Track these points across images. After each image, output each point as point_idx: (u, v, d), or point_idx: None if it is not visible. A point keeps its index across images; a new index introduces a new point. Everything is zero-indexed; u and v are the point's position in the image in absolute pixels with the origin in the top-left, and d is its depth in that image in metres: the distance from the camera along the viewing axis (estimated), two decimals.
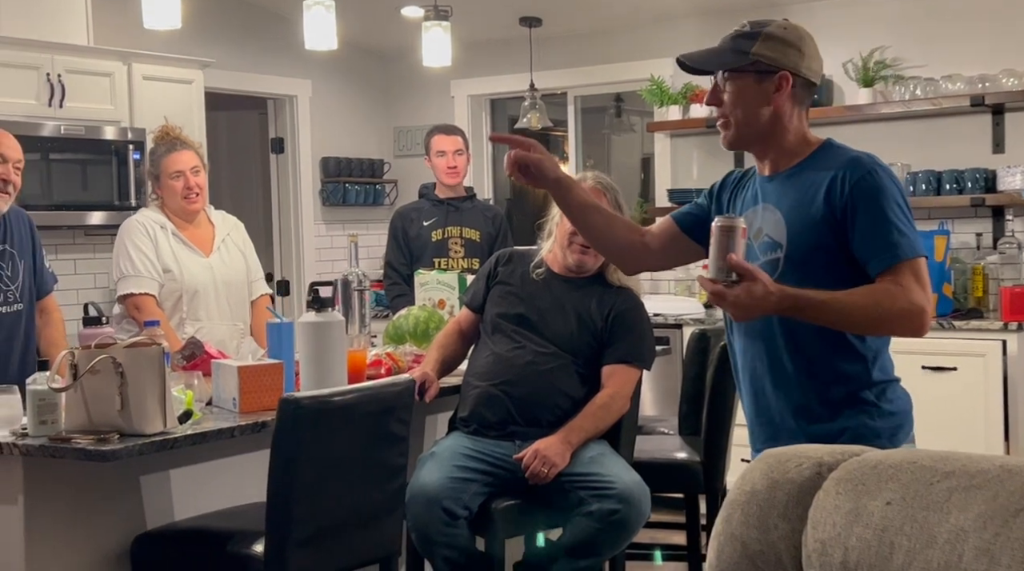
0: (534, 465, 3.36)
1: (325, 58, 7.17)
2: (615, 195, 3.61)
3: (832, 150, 2.54)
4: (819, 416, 2.48)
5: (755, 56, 2.47)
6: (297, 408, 2.82)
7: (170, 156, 4.27)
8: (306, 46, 4.18)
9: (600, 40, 6.90)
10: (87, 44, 5.63)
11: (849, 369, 2.48)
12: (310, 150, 7.27)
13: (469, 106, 7.46)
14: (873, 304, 2.37)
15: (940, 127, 5.86)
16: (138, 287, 4.15)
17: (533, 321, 3.62)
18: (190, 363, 3.47)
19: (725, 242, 2.30)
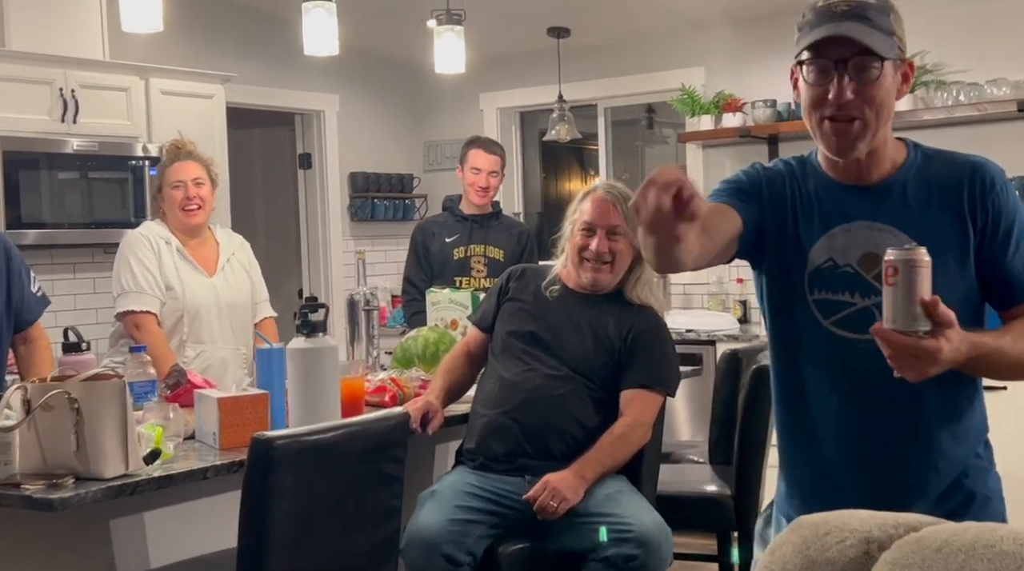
0: (543, 498, 2.92)
1: (352, 72, 6.82)
2: (625, 205, 3.15)
3: (930, 151, 2.00)
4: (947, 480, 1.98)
5: (897, 39, 1.90)
6: (270, 449, 2.38)
7: (173, 166, 3.92)
8: (305, 51, 3.78)
9: (629, 50, 6.45)
10: (103, 59, 5.28)
11: (979, 422, 1.99)
12: (338, 165, 6.89)
13: (499, 119, 7.05)
14: None
15: (986, 134, 5.36)
16: (139, 304, 3.76)
17: (546, 340, 3.18)
18: (174, 393, 3.06)
19: (911, 280, 1.70)
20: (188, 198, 3.85)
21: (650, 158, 7.40)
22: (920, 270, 1.70)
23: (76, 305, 5.47)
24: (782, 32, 2.48)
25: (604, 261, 3.17)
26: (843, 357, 1.96)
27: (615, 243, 3.16)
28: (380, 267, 6.83)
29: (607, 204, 3.15)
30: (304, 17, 3.68)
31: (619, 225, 3.15)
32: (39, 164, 5.00)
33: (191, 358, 3.82)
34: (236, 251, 4.07)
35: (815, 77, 1.90)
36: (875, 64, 1.87)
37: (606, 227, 3.16)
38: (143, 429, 2.63)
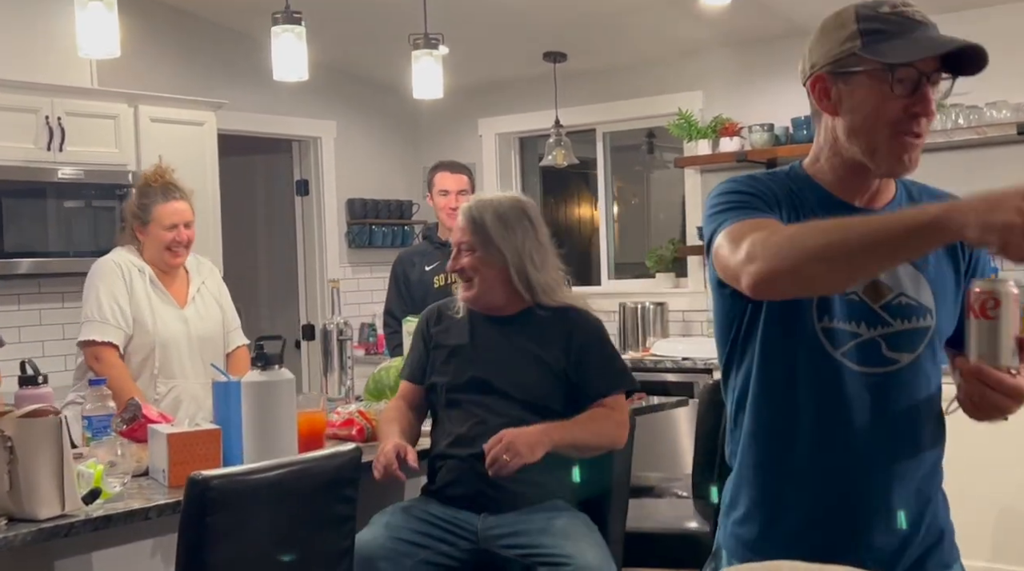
0: (497, 450, 2.74)
1: (349, 98, 6.77)
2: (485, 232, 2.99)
3: (909, 182, 1.89)
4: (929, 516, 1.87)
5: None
6: (206, 489, 2.28)
7: (167, 205, 3.75)
8: (274, 76, 3.69)
9: (627, 74, 6.37)
10: (90, 86, 5.23)
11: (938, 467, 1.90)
12: (335, 192, 6.82)
13: (498, 144, 6.97)
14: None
15: (986, 158, 5.24)
16: (101, 334, 3.64)
17: (489, 382, 2.98)
18: (129, 427, 2.97)
19: (1011, 314, 1.60)
20: (178, 241, 3.75)
21: (656, 183, 7.30)
22: (1013, 303, 1.59)
23: (65, 334, 5.41)
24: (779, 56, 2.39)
25: (464, 279, 3.05)
26: (849, 390, 1.81)
27: (465, 257, 3.01)
28: (378, 294, 6.68)
29: (460, 222, 3.05)
30: (273, 41, 3.60)
31: (466, 241, 3.02)
32: (24, 193, 4.95)
33: (163, 394, 3.74)
34: (206, 279, 3.96)
35: (906, 88, 1.76)
36: (949, 79, 1.80)
37: (457, 245, 3.06)
38: (84, 467, 2.54)
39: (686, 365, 5.51)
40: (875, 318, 1.80)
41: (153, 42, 5.95)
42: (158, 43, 5.98)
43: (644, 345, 5.98)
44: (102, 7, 3.17)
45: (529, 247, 3.01)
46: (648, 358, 5.74)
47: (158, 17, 5.97)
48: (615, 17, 5.69)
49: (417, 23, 4.37)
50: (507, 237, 2.99)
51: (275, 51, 3.60)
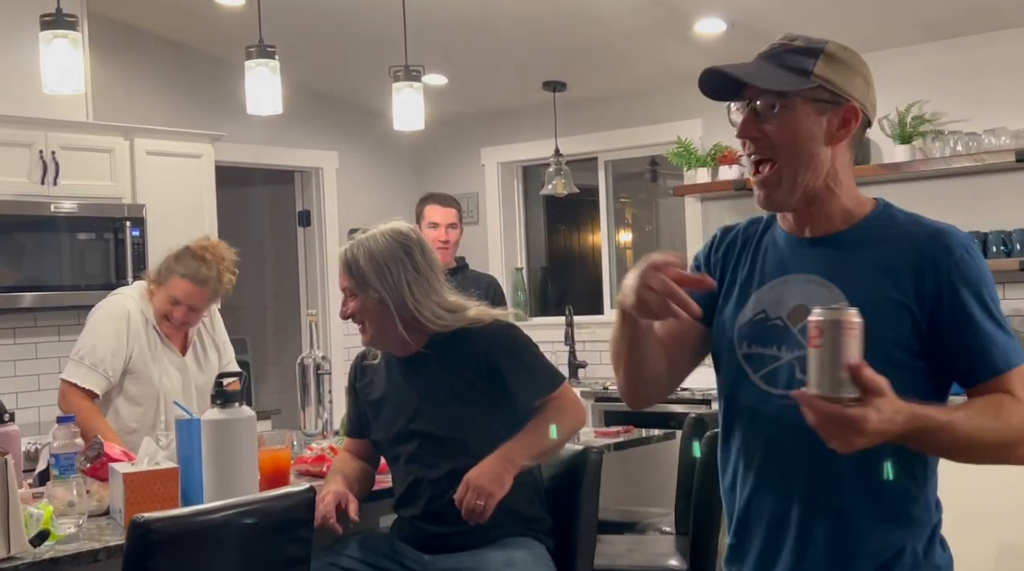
0: (468, 499, 2.70)
1: (351, 128, 6.77)
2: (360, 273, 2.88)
3: (897, 214, 1.84)
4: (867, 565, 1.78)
5: (817, 79, 1.77)
6: (148, 532, 2.25)
7: (183, 283, 3.64)
8: (248, 110, 3.68)
9: (627, 103, 6.34)
10: (85, 120, 5.24)
11: (916, 515, 1.79)
12: (337, 222, 6.81)
13: (499, 173, 6.94)
14: (1004, 425, 1.67)
15: (985, 185, 5.17)
16: (83, 380, 3.67)
17: (417, 429, 2.89)
18: (92, 466, 2.94)
19: (838, 343, 1.55)
20: (176, 317, 3.69)
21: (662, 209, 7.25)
22: (848, 332, 1.55)
23: (61, 368, 5.37)
24: None
25: (358, 323, 2.94)
26: (768, 414, 1.82)
27: (349, 303, 2.90)
28: None
29: (340, 267, 2.93)
30: (247, 76, 3.59)
31: (346, 286, 2.92)
32: (18, 228, 4.96)
33: (165, 445, 3.70)
34: (202, 327, 3.92)
35: (735, 120, 1.84)
36: (777, 102, 1.77)
37: (342, 289, 2.95)
38: (35, 508, 2.52)
39: (684, 396, 5.44)
40: (793, 341, 1.80)
41: (149, 75, 5.99)
42: (155, 76, 6.01)
43: None
44: (67, 43, 3.17)
45: (408, 280, 2.86)
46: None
47: (154, 51, 6.00)
48: (613, 46, 5.67)
49: (416, 54, 4.36)
50: (381, 277, 2.85)
51: (249, 85, 3.59)
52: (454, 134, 6.96)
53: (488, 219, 6.95)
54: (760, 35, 5.34)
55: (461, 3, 5.20)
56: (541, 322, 6.63)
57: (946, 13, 5.03)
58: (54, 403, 5.11)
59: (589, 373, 6.33)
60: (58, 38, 3.17)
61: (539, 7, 5.22)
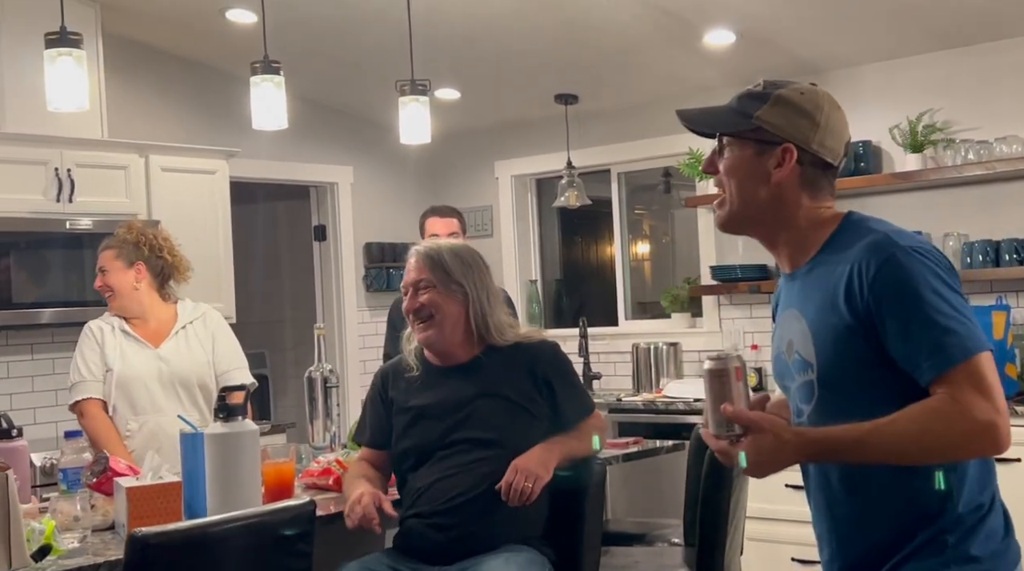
0: (516, 480, 2.78)
1: (365, 143, 6.78)
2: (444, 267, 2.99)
3: (850, 230, 1.89)
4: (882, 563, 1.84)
5: (757, 121, 1.90)
6: (145, 547, 2.24)
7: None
8: (253, 125, 3.69)
9: (638, 115, 6.31)
10: (100, 137, 5.27)
11: (923, 507, 1.82)
12: (352, 236, 6.82)
13: (513, 186, 6.93)
14: (923, 432, 1.72)
15: (997, 193, 5.11)
16: (82, 393, 3.85)
17: (464, 435, 2.92)
18: (97, 480, 2.94)
19: (716, 387, 1.80)
20: (97, 288, 3.98)
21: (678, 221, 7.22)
22: (725, 377, 1.79)
23: None
24: None
25: (422, 318, 2.98)
26: None
27: (423, 294, 2.97)
28: None
29: (412, 261, 3.02)
30: (252, 91, 3.59)
31: (423, 278, 2.99)
32: (34, 245, 4.99)
33: (135, 430, 3.84)
34: (194, 321, 4.03)
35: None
36: (724, 142, 1.96)
37: (412, 284, 3.01)
38: (37, 523, 2.52)
39: (697, 407, 5.40)
40: (788, 375, 1.97)
41: (164, 93, 6.01)
42: (169, 94, 6.04)
43: (657, 386, 5.88)
44: (71, 62, 3.19)
45: (487, 285, 3.03)
46: (660, 400, 5.65)
47: (168, 68, 6.03)
48: (623, 58, 5.66)
49: (428, 69, 4.37)
50: (466, 273, 3.00)
51: (254, 100, 3.60)
52: (467, 148, 6.96)
53: (502, 232, 6.93)
54: (769, 46, 5.37)
55: (472, 18, 5.20)
56: (556, 334, 6.54)
57: (955, 22, 5.00)
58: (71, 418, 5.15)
59: (604, 384, 6.31)
60: (63, 56, 3.18)
61: (549, 20, 5.22)
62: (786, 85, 1.94)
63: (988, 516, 1.84)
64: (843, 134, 1.95)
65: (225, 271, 5.65)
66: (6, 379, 5.20)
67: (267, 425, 5.40)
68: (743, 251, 5.93)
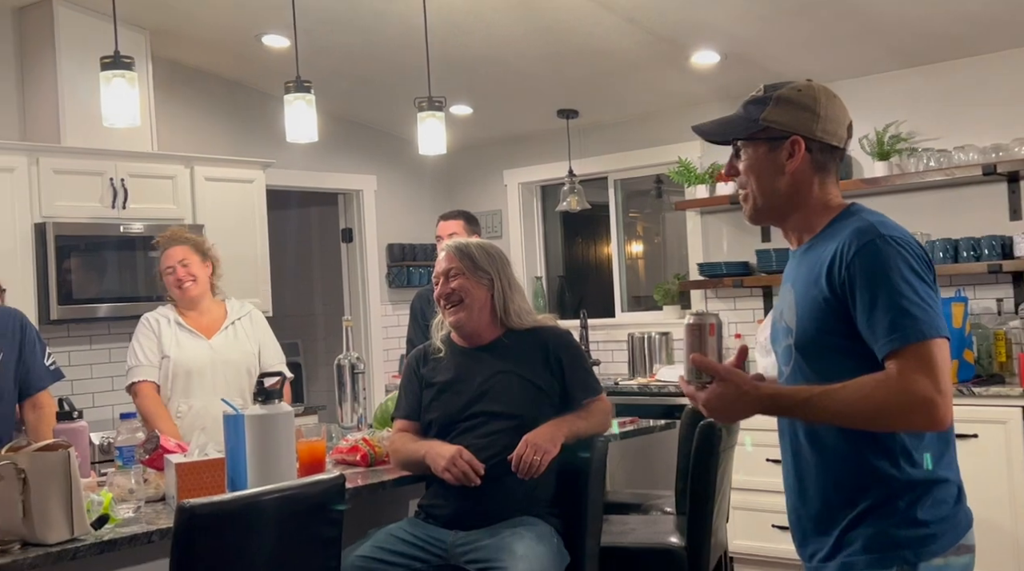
0: (527, 454, 2.79)
1: (387, 154, 6.78)
2: (471, 257, 3.05)
3: (846, 217, 1.92)
4: (838, 522, 1.85)
5: (764, 122, 1.93)
6: (192, 517, 2.24)
7: (162, 256, 3.97)
8: (288, 138, 3.68)
9: (633, 127, 6.31)
10: (151, 150, 5.28)
11: (877, 469, 1.82)
12: (376, 238, 6.82)
13: (520, 192, 6.93)
14: (864, 399, 1.74)
15: (955, 196, 5.10)
16: (137, 376, 3.85)
17: (481, 408, 2.94)
18: (150, 457, 2.95)
19: (692, 340, 1.86)
20: (179, 279, 3.89)
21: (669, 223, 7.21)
22: (700, 332, 1.85)
23: None
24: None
25: (452, 303, 3.02)
26: None
27: (453, 281, 3.02)
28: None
29: (443, 254, 3.08)
30: (286, 108, 3.59)
31: (453, 266, 3.04)
32: (92, 247, 5.00)
33: (185, 412, 3.84)
34: (242, 317, 4.05)
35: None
36: (739, 146, 1.98)
37: (443, 273, 3.05)
38: (96, 495, 2.52)
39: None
40: (776, 340, 2.00)
41: (207, 110, 6.01)
42: (212, 111, 6.04)
43: (650, 371, 5.87)
44: (124, 83, 3.19)
45: (510, 276, 3.07)
46: (653, 383, 5.64)
47: (211, 88, 6.03)
48: (619, 76, 5.64)
49: (443, 88, 4.37)
50: (491, 263, 3.05)
51: (288, 116, 3.60)
52: (479, 158, 6.96)
53: (510, 233, 6.93)
54: (750, 64, 5.35)
55: (483, 42, 5.20)
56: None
57: (918, 44, 4.98)
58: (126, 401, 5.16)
59: (602, 370, 6.30)
60: (116, 77, 3.18)
61: (553, 44, 5.21)
62: (784, 86, 1.96)
63: (940, 485, 1.83)
64: (843, 119, 1.96)
65: (262, 270, 5.66)
66: (68, 367, 5.19)
67: (300, 408, 5.40)
68: (727, 249, 5.92)
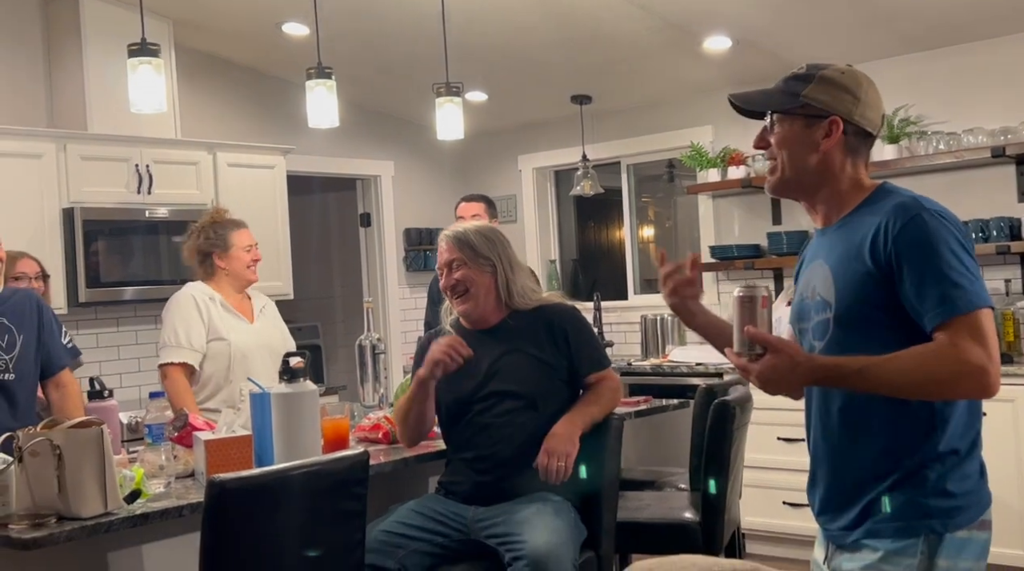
0: (551, 463, 2.79)
1: (404, 140, 6.77)
2: (471, 246, 3.00)
3: (883, 195, 1.90)
4: (867, 492, 1.84)
5: (805, 99, 1.91)
6: (221, 492, 2.27)
7: (240, 231, 3.93)
8: (309, 124, 3.69)
9: (646, 112, 6.29)
10: (175, 137, 5.29)
11: (910, 442, 1.81)
12: (394, 222, 6.82)
13: (534, 177, 6.92)
14: (918, 367, 1.72)
15: (964, 179, 5.07)
16: (172, 356, 3.76)
17: (492, 388, 2.93)
18: (179, 434, 2.97)
19: (744, 313, 1.80)
20: (255, 260, 3.88)
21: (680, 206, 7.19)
22: (752, 304, 1.79)
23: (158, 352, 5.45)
24: None
25: (459, 293, 2.99)
26: None
27: (457, 272, 2.99)
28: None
29: (443, 245, 3.02)
30: (308, 94, 3.59)
31: (455, 258, 3.00)
32: (118, 231, 5.02)
33: (227, 392, 3.80)
34: (265, 305, 4.05)
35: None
36: (774, 118, 1.95)
37: (446, 264, 3.02)
38: (128, 471, 2.54)
39: (699, 370, 5.41)
40: (807, 316, 1.96)
41: (229, 97, 6.02)
42: (234, 98, 6.05)
43: (663, 352, 5.87)
44: (151, 70, 3.19)
45: (510, 257, 3.03)
46: (666, 364, 5.64)
47: (233, 76, 6.04)
48: (631, 62, 5.62)
49: (460, 76, 4.36)
50: (491, 248, 3.00)
51: (309, 102, 3.60)
52: (494, 143, 6.95)
53: (525, 217, 6.93)
54: (761, 50, 5.32)
55: (499, 29, 5.18)
56: None
57: (926, 28, 4.94)
58: (153, 382, 5.19)
59: (616, 351, 6.31)
60: (143, 64, 3.19)
61: (567, 30, 5.19)
62: (828, 67, 1.94)
63: (967, 459, 1.83)
64: (880, 107, 1.95)
65: (283, 254, 5.67)
66: (96, 348, 5.24)
67: (321, 388, 5.40)
68: (739, 233, 5.91)
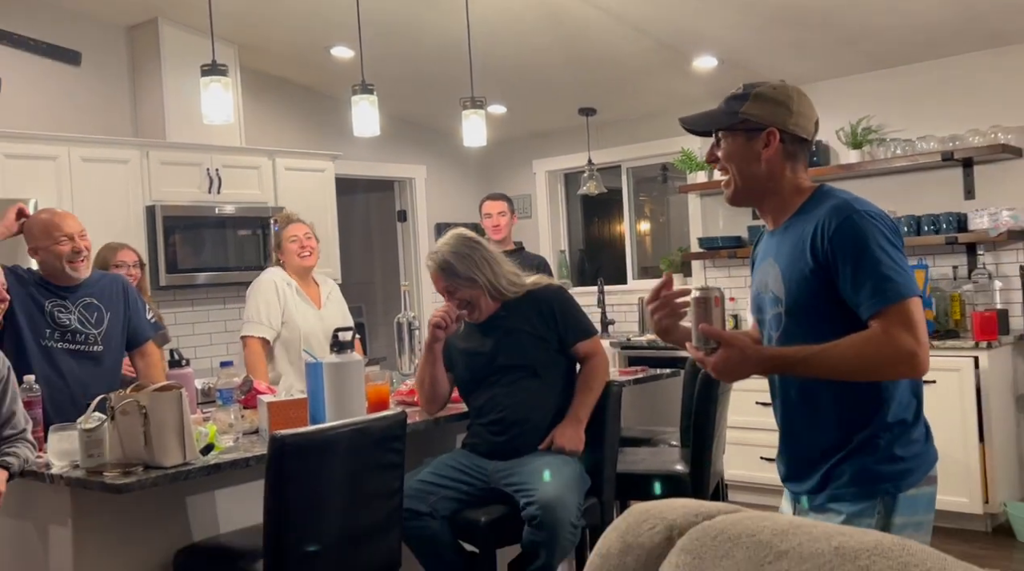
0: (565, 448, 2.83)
1: (435, 147, 6.78)
2: (452, 271, 2.92)
3: (819, 198, 1.85)
4: (827, 459, 1.82)
5: (743, 115, 1.87)
6: (283, 445, 2.30)
7: (288, 227, 3.97)
8: (355, 133, 3.70)
9: (642, 122, 6.28)
10: (240, 145, 5.32)
11: (861, 415, 1.80)
12: (427, 218, 6.84)
13: (547, 179, 6.92)
14: (856, 355, 1.70)
15: (918, 179, 5.05)
16: (253, 331, 3.80)
17: (500, 363, 2.94)
18: (245, 397, 3.01)
19: (700, 312, 1.77)
20: (303, 246, 3.91)
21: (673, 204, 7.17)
22: (706, 304, 1.77)
23: (227, 328, 5.52)
24: None
25: (465, 308, 2.96)
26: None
27: (456, 295, 2.93)
28: None
29: (431, 273, 2.95)
30: (353, 108, 3.61)
31: (446, 284, 2.93)
32: (193, 226, 5.06)
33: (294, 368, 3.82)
34: (331, 291, 4.06)
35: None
36: (719, 135, 1.91)
37: (444, 291, 2.96)
38: (204, 428, 2.58)
39: None
40: (763, 309, 1.92)
41: (286, 111, 6.04)
42: (290, 111, 6.07)
43: None
44: (220, 87, 3.21)
45: (487, 259, 2.94)
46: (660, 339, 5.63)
47: (289, 92, 6.06)
48: (630, 80, 5.62)
49: (483, 91, 4.36)
50: (469, 265, 2.91)
51: (354, 114, 3.61)
52: (512, 150, 6.96)
53: (539, 214, 6.93)
54: (744, 68, 5.31)
55: (516, 51, 5.18)
56: (580, 291, 6.59)
57: (886, 49, 4.91)
58: (223, 355, 5.24)
59: (617, 328, 6.32)
60: (214, 82, 3.21)
61: (575, 51, 5.19)
62: (762, 84, 1.90)
63: (912, 427, 1.82)
64: (812, 115, 1.91)
65: (333, 245, 5.69)
66: (174, 325, 5.29)
67: (365, 359, 5.44)
68: (723, 226, 5.90)
